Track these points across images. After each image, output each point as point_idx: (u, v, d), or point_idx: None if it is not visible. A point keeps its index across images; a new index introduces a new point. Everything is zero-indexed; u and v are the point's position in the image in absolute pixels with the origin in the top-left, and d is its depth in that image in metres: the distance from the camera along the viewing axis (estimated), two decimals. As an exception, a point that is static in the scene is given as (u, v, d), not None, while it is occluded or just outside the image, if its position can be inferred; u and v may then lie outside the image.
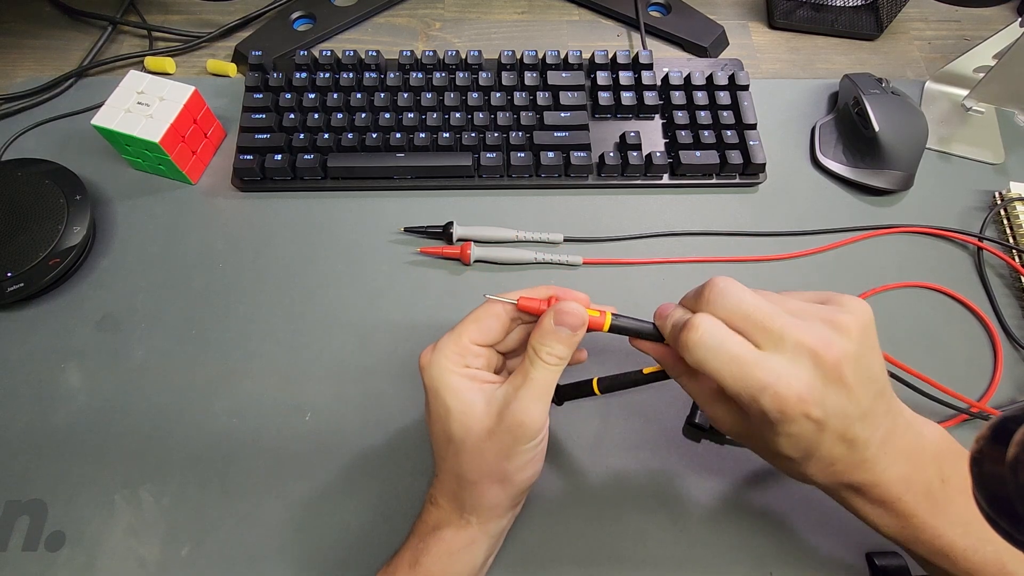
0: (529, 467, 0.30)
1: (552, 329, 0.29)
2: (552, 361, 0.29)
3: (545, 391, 0.29)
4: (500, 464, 0.29)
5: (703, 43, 0.54)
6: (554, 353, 0.29)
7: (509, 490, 0.30)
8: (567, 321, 0.29)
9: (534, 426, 0.28)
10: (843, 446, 0.26)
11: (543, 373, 0.29)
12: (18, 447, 0.38)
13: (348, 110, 0.47)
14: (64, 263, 0.40)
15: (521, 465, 0.29)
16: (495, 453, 0.29)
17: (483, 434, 0.29)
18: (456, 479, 0.30)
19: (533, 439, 0.29)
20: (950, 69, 0.52)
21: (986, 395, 0.41)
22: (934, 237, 0.47)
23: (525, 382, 0.29)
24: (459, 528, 0.31)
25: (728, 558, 0.36)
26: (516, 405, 0.28)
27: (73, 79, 0.50)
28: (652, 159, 0.46)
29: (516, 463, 0.29)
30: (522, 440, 0.28)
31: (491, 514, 0.31)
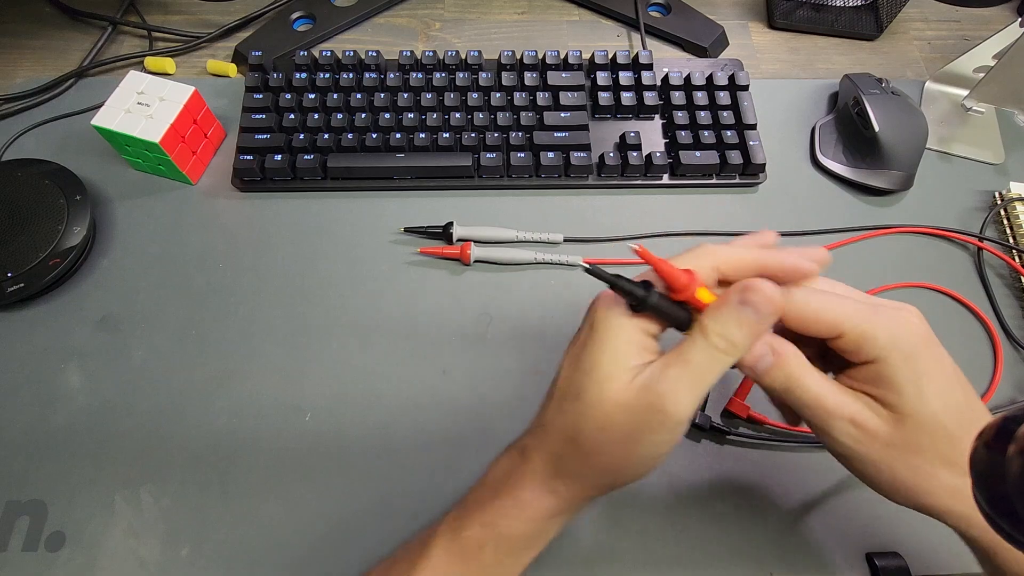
0: (650, 461, 0.25)
1: (734, 307, 0.24)
2: (722, 346, 0.24)
3: (700, 378, 0.24)
4: (624, 446, 0.25)
5: (703, 43, 0.54)
6: (727, 336, 0.24)
7: (617, 478, 0.26)
8: (754, 301, 0.23)
9: (676, 414, 0.24)
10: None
11: (705, 357, 0.24)
12: (18, 447, 0.38)
13: (348, 110, 0.47)
14: (64, 263, 0.40)
15: (645, 456, 0.25)
16: (623, 432, 0.24)
17: (618, 406, 0.24)
18: (565, 441, 0.26)
19: (671, 430, 0.24)
20: (950, 69, 0.52)
21: (986, 395, 0.41)
22: (934, 237, 0.47)
23: (679, 361, 0.24)
24: (542, 495, 0.26)
25: (728, 558, 0.36)
26: (663, 385, 0.24)
27: (73, 79, 0.50)
28: (652, 159, 0.46)
29: (641, 452, 0.25)
30: (658, 428, 0.24)
31: (582, 495, 0.26)
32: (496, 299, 0.43)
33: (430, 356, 0.41)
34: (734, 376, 0.41)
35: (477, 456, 0.38)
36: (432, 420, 0.39)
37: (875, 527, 0.37)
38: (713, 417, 0.39)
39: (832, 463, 0.39)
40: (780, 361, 0.25)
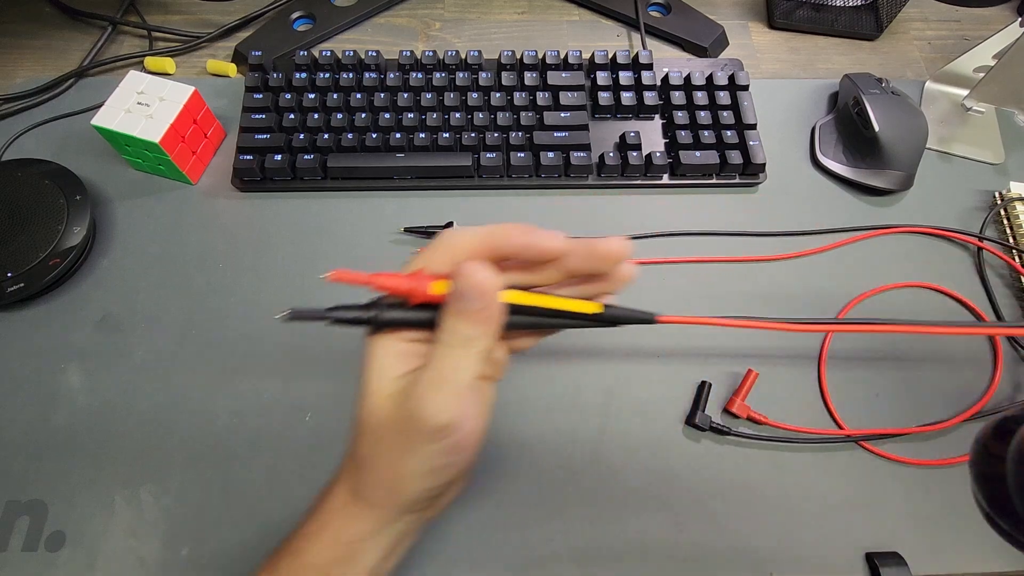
0: (431, 477, 0.24)
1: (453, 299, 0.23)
2: (455, 341, 0.23)
3: (450, 379, 0.23)
4: (395, 460, 0.24)
5: (703, 43, 0.54)
6: (456, 332, 0.23)
7: (401, 494, 0.25)
8: (461, 289, 0.22)
9: (433, 420, 0.22)
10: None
11: (447, 356, 0.23)
12: (18, 447, 0.38)
13: (348, 110, 0.47)
14: (64, 263, 0.40)
15: (421, 469, 0.24)
16: (391, 445, 0.24)
17: (383, 421, 0.24)
18: (353, 462, 0.26)
19: (435, 438, 0.23)
20: (950, 69, 0.52)
21: (986, 395, 0.41)
22: (934, 237, 0.47)
23: (429, 365, 0.23)
24: (349, 518, 0.26)
25: (728, 558, 0.36)
26: (416, 392, 0.23)
27: (73, 79, 0.50)
28: (652, 159, 0.46)
29: (414, 464, 0.24)
30: (421, 436, 0.23)
31: (381, 514, 0.26)
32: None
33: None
34: (734, 376, 0.41)
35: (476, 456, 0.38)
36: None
37: (875, 527, 0.37)
38: (713, 417, 0.39)
39: (832, 463, 0.39)
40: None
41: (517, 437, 0.39)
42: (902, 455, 0.39)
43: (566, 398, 0.40)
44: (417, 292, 0.23)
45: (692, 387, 0.41)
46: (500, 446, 0.39)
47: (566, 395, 0.40)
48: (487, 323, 0.23)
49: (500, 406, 0.39)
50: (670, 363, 0.41)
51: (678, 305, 0.43)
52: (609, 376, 0.41)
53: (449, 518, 0.36)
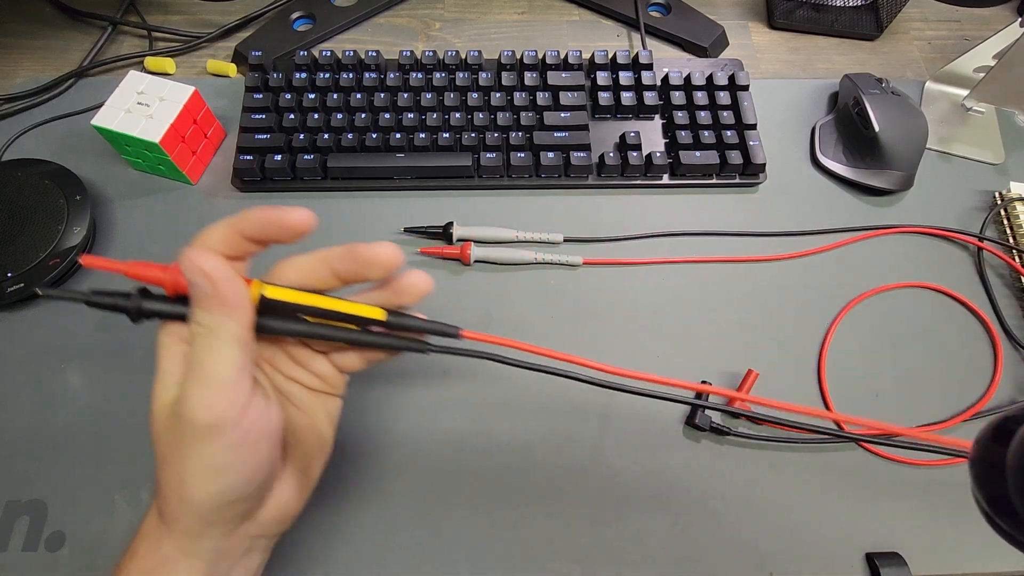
0: (216, 479, 0.23)
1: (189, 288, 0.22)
2: (200, 331, 0.22)
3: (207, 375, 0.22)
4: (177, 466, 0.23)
5: (703, 43, 0.54)
6: (197, 320, 0.22)
7: (189, 506, 0.23)
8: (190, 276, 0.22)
9: (198, 420, 0.22)
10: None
11: (198, 347, 0.22)
12: (18, 447, 0.38)
13: (348, 110, 0.47)
14: (64, 263, 0.40)
15: (202, 473, 0.23)
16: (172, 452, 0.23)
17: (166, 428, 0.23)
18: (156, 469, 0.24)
19: (205, 437, 0.22)
20: (950, 69, 0.52)
21: (986, 395, 0.41)
22: (934, 237, 0.47)
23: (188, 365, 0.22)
24: (154, 542, 0.25)
25: (728, 558, 0.36)
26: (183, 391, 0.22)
27: (73, 79, 0.50)
28: (652, 159, 0.46)
29: (193, 468, 0.22)
30: (192, 436, 0.22)
31: (177, 528, 0.24)
32: (496, 299, 0.43)
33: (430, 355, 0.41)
34: (734, 376, 0.41)
35: (476, 456, 0.38)
36: (432, 420, 0.39)
37: (875, 527, 0.37)
38: (713, 417, 0.39)
39: (832, 463, 0.39)
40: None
41: (517, 437, 0.39)
42: (902, 455, 0.39)
43: (566, 398, 0.40)
44: (167, 282, 0.23)
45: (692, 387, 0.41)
46: (500, 446, 0.39)
47: (566, 395, 0.40)
48: (223, 307, 0.22)
49: (496, 404, 0.40)
50: (670, 363, 0.41)
51: (678, 305, 0.43)
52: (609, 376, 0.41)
53: (448, 517, 0.36)
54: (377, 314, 0.25)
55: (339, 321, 0.25)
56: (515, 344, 0.27)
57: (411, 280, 0.26)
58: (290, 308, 0.24)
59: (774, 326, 0.43)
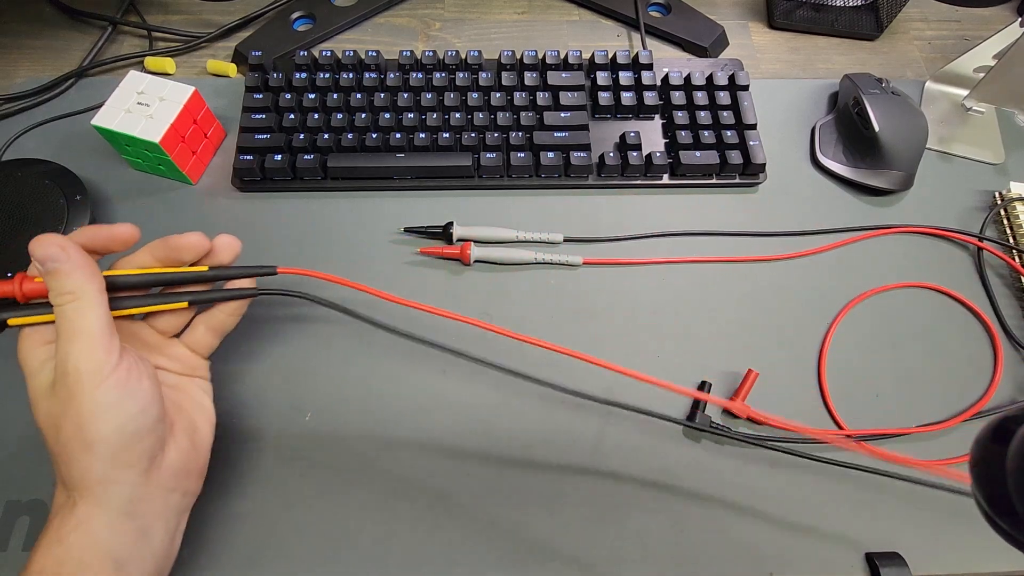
0: (110, 415, 0.26)
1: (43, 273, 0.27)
2: (62, 300, 0.27)
3: (77, 331, 0.26)
4: (69, 419, 0.26)
5: (703, 43, 0.54)
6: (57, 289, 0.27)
7: (97, 448, 0.26)
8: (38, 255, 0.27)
9: (83, 366, 0.26)
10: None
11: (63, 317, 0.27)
12: (19, 447, 0.38)
13: (348, 110, 0.47)
14: (64, 263, 0.40)
15: (94, 414, 0.26)
16: (59, 409, 0.27)
17: (54, 403, 0.27)
18: (55, 464, 0.28)
19: (93, 381, 0.26)
20: (950, 69, 0.52)
21: (986, 395, 0.41)
22: (934, 237, 0.47)
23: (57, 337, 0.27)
24: (68, 512, 0.27)
25: (728, 558, 0.36)
26: (59, 363, 0.27)
27: (73, 79, 0.50)
28: (652, 159, 0.46)
29: (84, 413, 0.26)
30: (78, 385, 0.26)
31: (87, 481, 0.27)
32: (496, 299, 0.43)
33: (430, 355, 0.41)
34: (734, 376, 0.41)
35: (476, 455, 0.38)
36: (432, 420, 0.39)
37: (875, 527, 0.37)
38: (713, 417, 0.39)
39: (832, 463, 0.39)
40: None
41: (517, 437, 0.39)
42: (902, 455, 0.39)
43: (566, 398, 0.40)
44: (16, 293, 0.29)
45: (692, 387, 0.41)
46: (500, 446, 0.39)
47: (566, 395, 0.40)
48: (81, 271, 0.27)
49: (496, 404, 0.40)
50: (670, 363, 0.41)
51: (678, 305, 0.43)
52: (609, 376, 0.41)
53: (449, 517, 0.36)
54: (201, 268, 0.31)
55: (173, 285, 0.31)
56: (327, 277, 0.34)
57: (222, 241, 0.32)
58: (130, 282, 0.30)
59: (774, 326, 0.43)
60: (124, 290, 0.30)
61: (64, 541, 0.26)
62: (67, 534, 0.26)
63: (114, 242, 0.30)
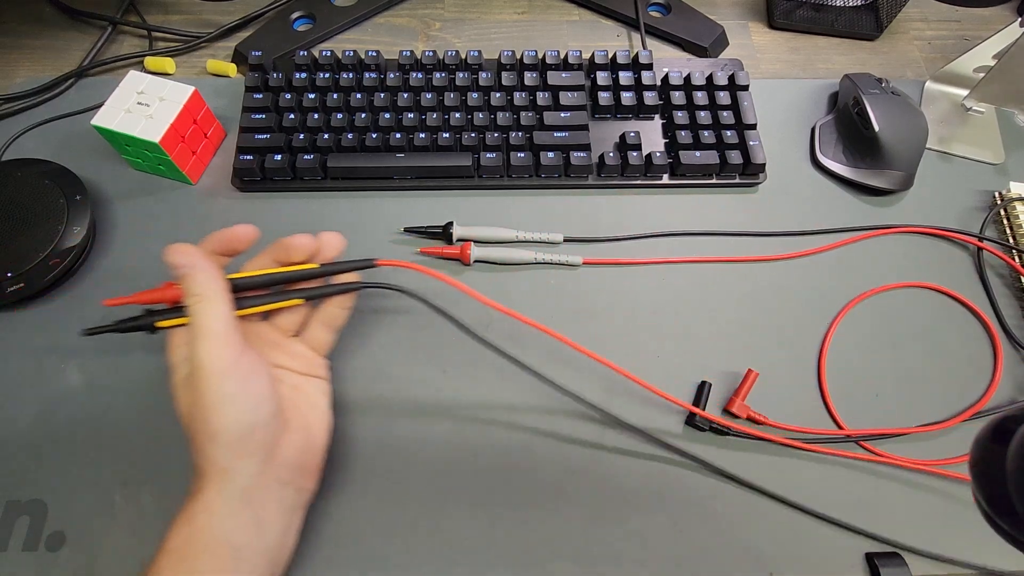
0: (228, 408, 0.29)
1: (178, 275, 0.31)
2: (192, 302, 0.30)
3: (202, 330, 0.29)
4: (196, 410, 0.29)
5: (703, 43, 0.54)
6: (190, 292, 0.30)
7: (219, 438, 0.29)
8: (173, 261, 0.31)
9: (207, 361, 0.29)
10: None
11: (193, 317, 0.30)
12: (18, 447, 0.38)
13: (348, 110, 0.47)
14: (64, 263, 0.40)
15: (215, 406, 0.29)
16: (190, 400, 0.30)
17: (183, 387, 0.31)
18: (190, 444, 0.31)
19: (215, 376, 0.29)
20: (950, 69, 0.52)
21: (986, 395, 0.41)
22: (934, 237, 0.47)
23: (189, 329, 0.30)
24: (196, 495, 0.30)
25: (728, 558, 0.36)
26: (190, 350, 0.29)
27: (73, 79, 0.50)
28: (652, 159, 0.46)
29: (208, 405, 0.29)
30: (203, 379, 0.29)
31: (212, 469, 0.29)
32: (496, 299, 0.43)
33: (431, 356, 0.41)
34: (734, 376, 0.41)
35: (476, 455, 0.38)
36: (432, 420, 0.39)
37: (875, 527, 0.37)
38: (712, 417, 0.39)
39: (831, 463, 0.39)
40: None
41: (517, 437, 0.39)
42: (902, 455, 0.39)
43: (566, 398, 0.40)
44: (166, 298, 0.33)
45: (692, 387, 0.41)
46: (500, 446, 0.39)
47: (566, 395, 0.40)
48: (205, 274, 0.30)
49: (496, 404, 0.40)
50: (670, 363, 0.41)
51: (678, 305, 0.43)
52: (609, 376, 0.41)
53: (449, 517, 0.36)
54: (312, 265, 0.35)
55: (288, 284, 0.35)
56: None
57: (327, 238, 0.35)
58: (250, 283, 0.34)
59: (774, 326, 0.43)
60: (247, 290, 0.34)
61: (193, 522, 0.29)
62: (196, 515, 0.29)
63: (237, 242, 0.33)
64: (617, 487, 0.38)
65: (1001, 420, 0.18)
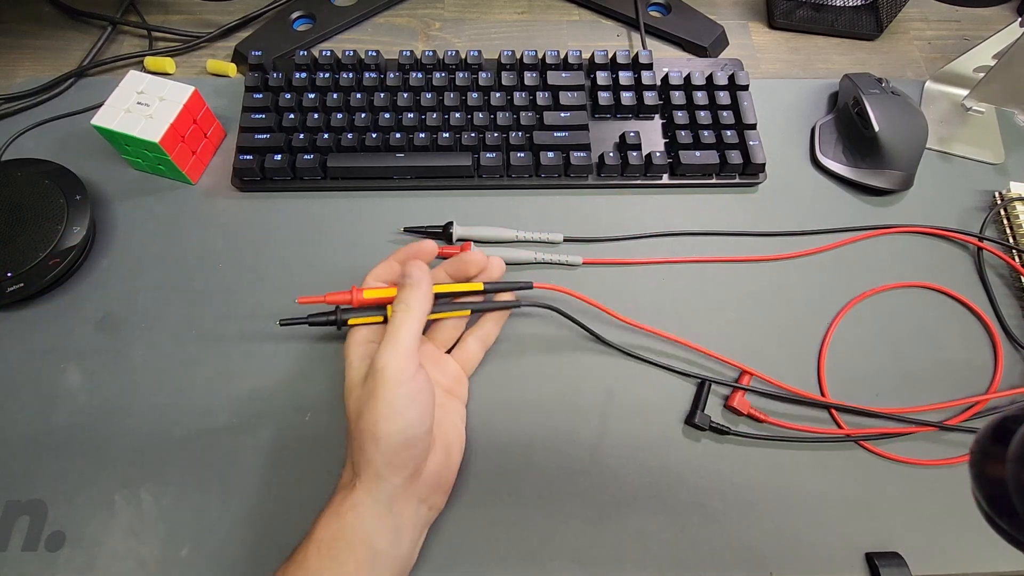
0: (396, 417, 0.30)
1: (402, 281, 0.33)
2: (400, 307, 0.32)
3: (396, 334, 0.31)
4: (368, 411, 0.30)
5: (703, 43, 0.54)
6: (402, 300, 0.33)
7: (381, 443, 0.30)
8: (408, 272, 0.34)
9: (389, 370, 0.30)
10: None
11: (395, 319, 0.32)
12: (18, 447, 0.38)
13: (348, 110, 0.47)
14: (64, 263, 0.40)
15: (385, 413, 0.30)
16: (363, 400, 0.31)
17: (361, 391, 0.32)
18: (349, 444, 0.32)
19: (392, 385, 0.30)
20: (950, 69, 0.52)
21: (986, 395, 0.41)
22: (934, 237, 0.47)
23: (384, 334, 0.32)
24: (348, 491, 0.31)
25: (728, 558, 0.36)
26: (377, 352, 0.31)
27: (73, 79, 0.50)
28: (652, 159, 0.46)
29: (379, 410, 0.30)
30: (382, 385, 0.30)
31: (368, 471, 0.31)
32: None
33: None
34: (735, 376, 0.41)
35: (476, 455, 0.38)
36: (432, 420, 0.39)
37: (875, 527, 0.37)
38: (713, 417, 0.39)
39: (832, 463, 0.39)
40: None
41: (517, 437, 0.39)
42: (902, 455, 0.39)
43: (566, 398, 0.40)
44: (354, 299, 0.36)
45: (692, 387, 0.41)
46: (501, 446, 0.39)
47: (566, 395, 0.40)
48: (419, 290, 0.33)
49: (496, 404, 0.40)
50: (670, 363, 0.41)
51: (678, 305, 0.43)
52: (609, 376, 0.41)
53: (448, 517, 0.36)
54: (477, 287, 0.38)
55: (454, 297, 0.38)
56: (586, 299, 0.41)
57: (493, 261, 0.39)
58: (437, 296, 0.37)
59: (774, 326, 0.43)
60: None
61: (342, 517, 0.30)
62: (346, 511, 0.30)
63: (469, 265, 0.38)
64: (617, 487, 0.38)
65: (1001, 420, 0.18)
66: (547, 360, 0.41)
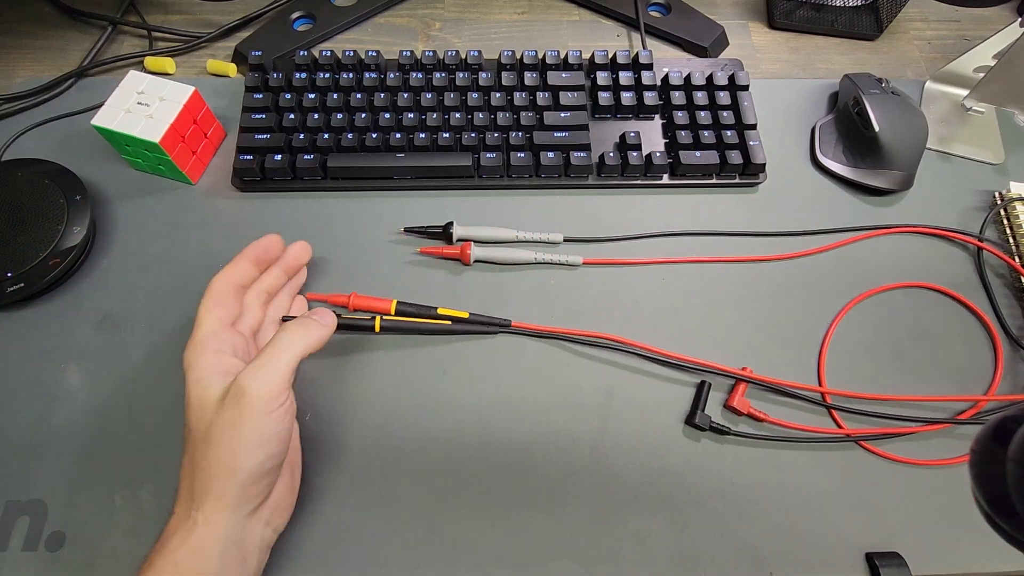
0: (257, 450, 0.28)
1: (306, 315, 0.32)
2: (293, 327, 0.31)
3: (280, 360, 0.29)
4: (226, 440, 0.28)
5: (703, 43, 0.54)
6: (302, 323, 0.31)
7: (237, 476, 0.28)
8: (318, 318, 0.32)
9: (261, 395, 0.28)
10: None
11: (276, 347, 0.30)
12: (18, 447, 0.38)
13: (348, 110, 0.47)
14: (64, 263, 0.40)
15: (248, 444, 0.28)
16: (219, 426, 0.28)
17: (218, 415, 0.28)
18: (189, 470, 0.29)
19: (261, 413, 0.28)
20: (950, 69, 0.52)
21: (986, 395, 0.41)
22: (934, 237, 0.47)
23: (257, 357, 0.29)
24: (186, 532, 0.28)
25: (728, 558, 0.36)
26: (246, 371, 0.28)
27: (73, 79, 0.50)
28: (652, 159, 0.46)
29: (241, 440, 0.28)
30: (248, 412, 0.28)
31: (217, 505, 0.28)
32: (496, 299, 0.43)
33: (430, 356, 0.41)
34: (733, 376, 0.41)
35: (476, 456, 0.38)
36: (432, 420, 0.39)
37: (875, 527, 0.37)
38: (713, 417, 0.39)
39: (832, 463, 0.39)
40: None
41: (517, 437, 0.39)
42: (902, 455, 0.39)
43: (566, 398, 0.40)
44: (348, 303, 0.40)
45: (692, 387, 0.41)
46: (501, 446, 0.39)
47: (566, 395, 0.40)
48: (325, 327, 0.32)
49: (495, 404, 0.40)
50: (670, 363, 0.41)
51: (678, 305, 0.43)
52: (609, 376, 0.41)
53: (449, 517, 0.36)
54: (463, 314, 0.41)
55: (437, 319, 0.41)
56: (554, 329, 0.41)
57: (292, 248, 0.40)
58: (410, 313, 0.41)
59: (774, 326, 0.43)
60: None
61: (179, 566, 0.27)
62: (182, 558, 0.27)
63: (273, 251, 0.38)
64: (617, 487, 0.38)
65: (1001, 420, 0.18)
66: (547, 360, 0.41)
